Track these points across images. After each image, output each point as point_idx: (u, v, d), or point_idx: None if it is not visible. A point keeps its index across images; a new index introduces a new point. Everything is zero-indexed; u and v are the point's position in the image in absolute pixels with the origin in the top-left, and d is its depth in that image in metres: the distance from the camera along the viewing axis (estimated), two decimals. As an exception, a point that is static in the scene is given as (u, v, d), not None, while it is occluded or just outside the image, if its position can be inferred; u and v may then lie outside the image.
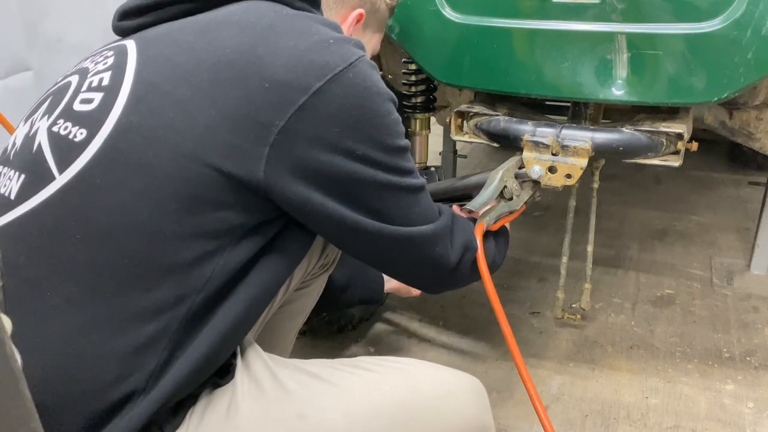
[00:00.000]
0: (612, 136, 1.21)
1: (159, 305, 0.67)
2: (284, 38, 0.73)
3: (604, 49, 1.16)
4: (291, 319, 1.14)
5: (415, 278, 0.90)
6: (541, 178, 1.21)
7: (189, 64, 0.71)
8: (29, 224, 0.69)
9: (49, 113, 0.75)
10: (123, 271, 0.66)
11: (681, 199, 2.45)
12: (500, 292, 1.19)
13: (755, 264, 1.89)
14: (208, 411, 0.71)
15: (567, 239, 1.47)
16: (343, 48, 0.74)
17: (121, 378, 0.66)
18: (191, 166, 0.68)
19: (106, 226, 0.67)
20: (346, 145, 0.72)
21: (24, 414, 0.34)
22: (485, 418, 0.81)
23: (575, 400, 1.39)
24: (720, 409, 1.35)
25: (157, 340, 0.67)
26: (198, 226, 0.68)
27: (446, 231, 0.85)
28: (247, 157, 0.69)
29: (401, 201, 0.79)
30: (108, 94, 0.72)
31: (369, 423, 0.72)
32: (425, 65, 1.35)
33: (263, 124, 0.69)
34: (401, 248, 0.81)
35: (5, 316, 0.34)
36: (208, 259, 0.69)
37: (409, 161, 0.81)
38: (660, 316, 1.70)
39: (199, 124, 0.68)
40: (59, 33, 1.62)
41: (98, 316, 0.66)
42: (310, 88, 0.70)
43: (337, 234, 0.78)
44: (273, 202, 0.72)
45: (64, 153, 0.70)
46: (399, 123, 0.78)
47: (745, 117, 1.58)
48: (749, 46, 1.05)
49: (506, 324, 0.94)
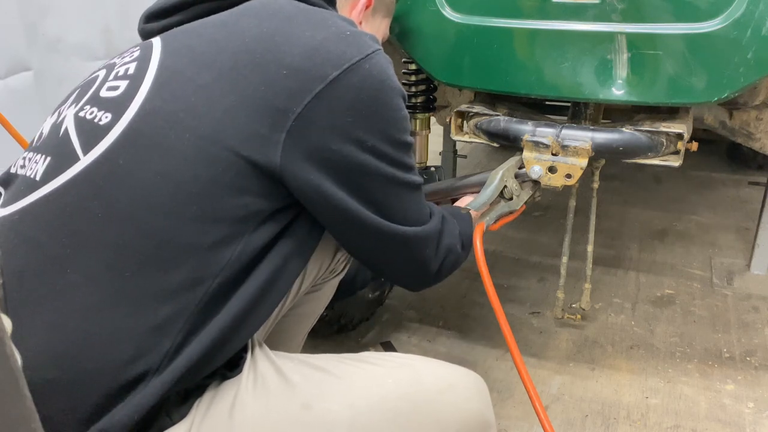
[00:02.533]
0: (612, 136, 1.21)
1: (176, 287, 0.68)
2: (302, 28, 0.75)
3: (604, 49, 1.16)
4: (300, 322, 1.15)
5: (399, 275, 0.93)
6: (541, 178, 1.21)
7: (210, 52, 0.74)
8: (53, 203, 0.70)
9: (77, 102, 0.78)
10: (142, 251, 0.68)
11: (681, 199, 2.45)
12: (500, 292, 1.19)
13: (755, 264, 1.89)
14: (214, 403, 0.72)
15: (567, 239, 1.47)
16: (360, 40, 0.76)
17: (136, 357, 0.66)
18: (211, 150, 0.69)
19: (128, 206, 0.68)
20: (357, 135, 0.74)
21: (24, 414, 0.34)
22: (486, 412, 0.82)
23: (575, 400, 1.39)
24: (720, 409, 1.35)
25: (173, 322, 0.68)
26: (217, 210, 0.70)
27: (436, 234, 0.88)
28: (265, 142, 0.70)
29: (401, 196, 0.81)
30: (133, 81, 0.75)
31: (373, 415, 0.73)
32: (425, 65, 1.35)
33: (281, 110, 0.71)
34: (394, 245, 0.83)
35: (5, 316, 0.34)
36: (227, 245, 0.71)
37: (412, 158, 0.83)
38: (660, 316, 1.70)
39: (219, 109, 0.70)
40: (59, 33, 1.62)
41: (117, 295, 0.67)
42: (327, 77, 0.72)
43: (338, 224, 0.80)
44: (287, 189, 0.74)
45: (89, 135, 0.72)
46: (407, 119, 0.81)
47: (745, 117, 1.58)
48: (749, 46, 1.05)
49: (506, 324, 0.95)
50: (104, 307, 0.67)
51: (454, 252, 0.92)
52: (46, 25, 1.59)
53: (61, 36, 1.63)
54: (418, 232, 0.84)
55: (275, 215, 0.75)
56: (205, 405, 0.72)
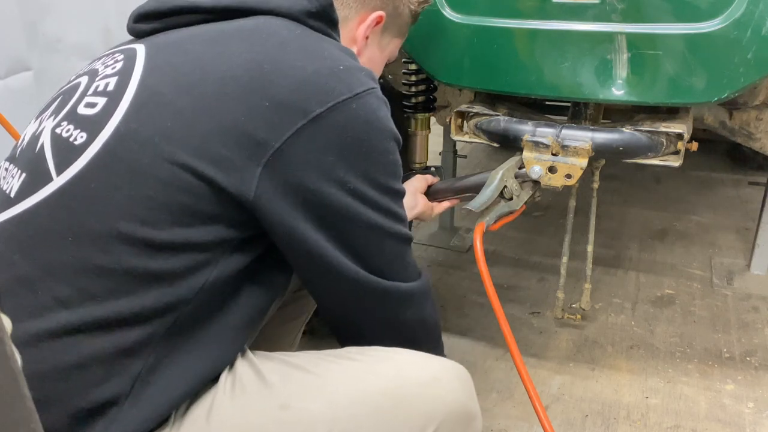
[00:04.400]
0: (612, 136, 1.21)
1: (147, 312, 0.68)
2: (293, 57, 0.72)
3: (604, 49, 1.16)
4: (290, 321, 1.14)
5: (370, 335, 0.84)
6: (541, 178, 1.21)
7: (194, 75, 0.71)
8: (25, 223, 0.69)
9: (56, 114, 0.76)
10: (112, 275, 0.67)
11: (681, 199, 2.45)
12: (500, 292, 1.19)
13: (755, 264, 1.89)
14: (191, 407, 0.72)
15: (567, 239, 1.47)
16: (353, 77, 0.72)
17: (105, 379, 0.66)
18: (184, 177, 0.67)
19: (98, 230, 0.67)
20: (338, 175, 0.71)
21: (24, 414, 0.34)
22: (470, 404, 0.80)
23: (575, 400, 1.39)
24: (720, 409, 1.35)
25: (143, 346, 0.68)
26: (189, 236, 0.68)
27: (420, 294, 0.82)
28: (240, 173, 0.68)
29: (385, 247, 0.77)
30: (111, 100, 0.72)
31: (353, 411, 0.71)
32: (425, 65, 1.35)
33: (259, 142, 0.68)
34: (371, 300, 0.79)
35: (5, 316, 0.34)
36: (200, 270, 0.69)
37: (402, 208, 0.79)
38: (660, 316, 1.70)
39: (196, 135, 0.68)
40: (59, 33, 1.62)
41: (86, 318, 0.66)
42: (310, 113, 0.69)
43: (310, 270, 0.76)
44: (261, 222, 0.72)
45: (63, 155, 0.71)
46: (398, 165, 0.77)
47: (745, 117, 1.58)
48: (749, 46, 1.05)
49: (506, 324, 0.95)
50: (74, 329, 0.66)
51: (437, 326, 0.88)
52: (46, 25, 1.59)
53: (61, 36, 1.63)
54: (400, 288, 0.79)
55: (252, 240, 0.73)
56: (183, 410, 0.71)
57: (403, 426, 0.73)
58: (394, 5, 1.00)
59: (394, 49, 1.07)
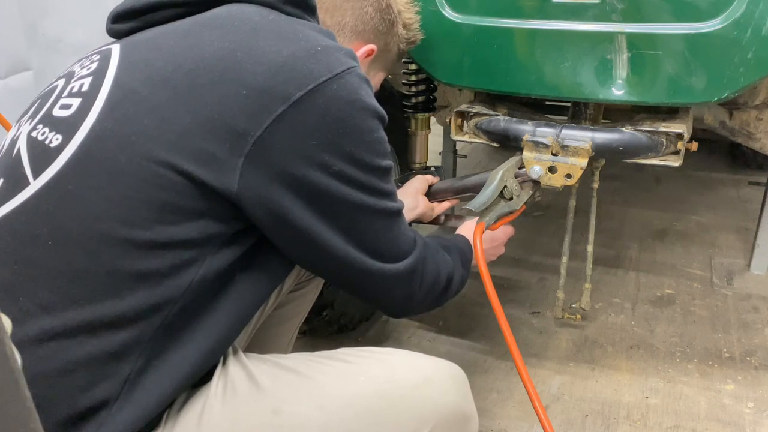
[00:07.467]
0: (612, 136, 1.21)
1: (132, 313, 0.66)
2: (267, 43, 0.70)
3: (604, 49, 1.16)
4: (284, 322, 1.13)
5: (379, 305, 0.89)
6: (541, 178, 1.21)
7: (167, 69, 0.70)
8: (3, 229, 0.68)
9: (33, 117, 0.75)
10: (95, 278, 0.66)
11: (681, 199, 2.45)
12: (500, 292, 1.19)
13: (755, 264, 1.89)
14: (183, 411, 0.71)
15: (567, 239, 1.47)
16: (330, 57, 0.71)
17: (93, 384, 0.65)
18: (164, 174, 0.66)
19: (78, 233, 0.66)
20: (322, 159, 0.70)
21: (24, 414, 0.34)
22: (464, 405, 0.79)
23: (575, 400, 1.39)
24: (720, 409, 1.35)
25: (130, 348, 0.67)
26: (172, 234, 0.67)
27: (411, 273, 0.83)
28: (222, 166, 0.67)
29: (375, 224, 0.77)
30: (85, 100, 0.71)
31: (345, 414, 0.71)
32: (425, 65, 1.35)
33: (239, 133, 0.67)
34: (366, 280, 0.79)
35: (5, 316, 0.34)
36: (186, 269, 0.68)
37: (389, 183, 0.78)
38: (660, 316, 1.70)
39: (173, 131, 0.67)
40: (59, 33, 1.62)
41: (70, 322, 0.65)
42: (290, 98, 0.68)
43: (305, 253, 0.76)
44: (246, 214, 0.71)
45: (39, 158, 0.70)
46: (383, 142, 0.76)
47: (745, 117, 1.58)
48: (749, 46, 1.05)
49: (506, 324, 0.95)
50: (59, 334, 0.65)
51: (434, 292, 0.88)
52: (46, 25, 1.59)
53: (61, 36, 1.63)
54: (391, 270, 0.79)
55: (239, 236, 0.72)
56: (175, 413, 0.71)
57: (396, 429, 0.72)
58: (385, 41, 1.04)
59: (378, 82, 1.10)
